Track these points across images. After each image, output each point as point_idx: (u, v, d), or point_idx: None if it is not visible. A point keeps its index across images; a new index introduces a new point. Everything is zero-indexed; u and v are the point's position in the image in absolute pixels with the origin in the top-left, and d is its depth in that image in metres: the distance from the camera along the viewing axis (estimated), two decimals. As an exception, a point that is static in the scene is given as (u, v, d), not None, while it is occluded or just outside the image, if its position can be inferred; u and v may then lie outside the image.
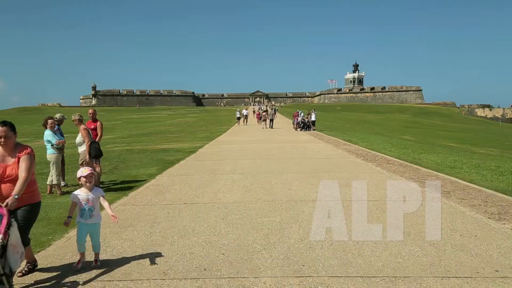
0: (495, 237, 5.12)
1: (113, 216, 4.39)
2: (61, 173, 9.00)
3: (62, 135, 9.11)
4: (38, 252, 4.81)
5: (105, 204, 4.50)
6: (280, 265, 4.25)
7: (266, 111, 41.99)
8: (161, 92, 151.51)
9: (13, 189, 3.75)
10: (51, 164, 8.25)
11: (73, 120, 8.79)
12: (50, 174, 8.37)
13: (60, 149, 8.57)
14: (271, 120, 35.24)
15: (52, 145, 8.36)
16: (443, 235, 5.21)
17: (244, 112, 45.26)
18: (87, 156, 8.38)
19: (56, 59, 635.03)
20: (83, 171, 4.47)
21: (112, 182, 9.68)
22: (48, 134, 8.38)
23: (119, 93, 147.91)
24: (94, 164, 8.62)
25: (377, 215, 6.14)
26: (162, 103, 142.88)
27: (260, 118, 42.65)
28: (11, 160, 3.91)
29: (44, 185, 9.15)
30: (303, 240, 5.03)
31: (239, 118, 43.15)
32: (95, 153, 8.28)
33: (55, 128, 8.74)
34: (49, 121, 8.48)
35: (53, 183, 8.26)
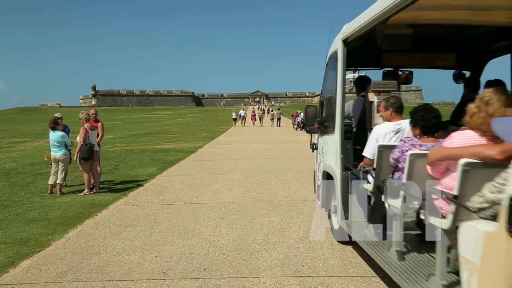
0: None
1: None
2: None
3: None
4: (38, 252, 4.81)
5: None
6: (280, 265, 4.25)
7: (272, 111, 47.20)
8: (161, 92, 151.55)
9: None
10: (61, 164, 8.28)
11: (80, 118, 8.84)
12: (53, 173, 8.38)
13: (69, 149, 8.66)
14: (278, 119, 40.46)
15: (66, 145, 8.41)
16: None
17: (242, 112, 44.92)
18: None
19: (56, 59, 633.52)
20: None
21: (112, 182, 9.69)
22: (63, 135, 8.43)
23: (119, 93, 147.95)
24: (99, 166, 8.74)
25: (377, 215, 6.13)
26: (161, 103, 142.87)
27: (260, 119, 42.84)
28: None
29: (43, 185, 9.17)
30: (303, 240, 5.03)
31: (235, 119, 42.43)
32: (82, 155, 8.26)
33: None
34: (59, 121, 8.54)
35: (58, 182, 8.28)
